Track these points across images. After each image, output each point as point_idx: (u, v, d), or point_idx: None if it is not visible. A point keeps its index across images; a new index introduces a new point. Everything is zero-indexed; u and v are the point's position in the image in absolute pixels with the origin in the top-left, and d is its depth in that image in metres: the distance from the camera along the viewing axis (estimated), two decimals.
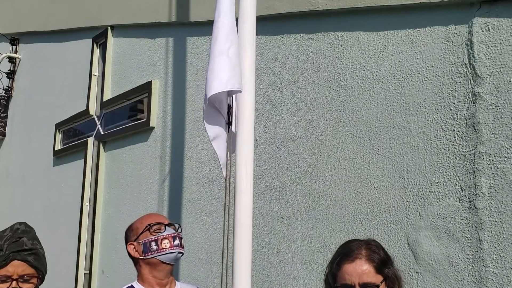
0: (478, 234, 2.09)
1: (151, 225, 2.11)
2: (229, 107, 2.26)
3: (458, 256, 2.14)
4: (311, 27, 2.92)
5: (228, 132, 2.25)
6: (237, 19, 2.32)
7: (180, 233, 2.16)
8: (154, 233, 2.09)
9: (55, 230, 5.37)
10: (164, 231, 2.11)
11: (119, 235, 2.22)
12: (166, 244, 2.07)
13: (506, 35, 2.10)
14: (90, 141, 4.91)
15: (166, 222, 2.15)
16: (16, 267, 1.82)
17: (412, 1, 2.40)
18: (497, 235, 2.04)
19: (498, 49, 2.12)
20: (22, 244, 1.85)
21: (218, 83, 2.12)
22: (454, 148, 2.21)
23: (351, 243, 1.77)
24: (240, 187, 2.22)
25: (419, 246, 2.27)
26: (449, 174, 2.21)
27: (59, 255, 5.04)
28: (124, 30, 4.74)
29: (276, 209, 2.96)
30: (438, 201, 2.24)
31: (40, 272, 1.90)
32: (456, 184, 2.19)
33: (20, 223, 1.95)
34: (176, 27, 4.00)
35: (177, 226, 2.19)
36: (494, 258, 2.03)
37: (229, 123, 2.25)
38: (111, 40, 4.88)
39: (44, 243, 1.98)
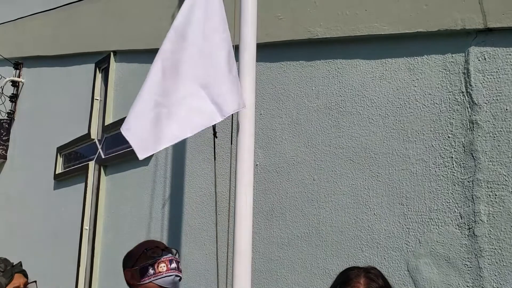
0: (478, 262, 2.09)
1: (147, 249, 2.10)
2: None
3: (458, 283, 2.13)
4: (310, 55, 2.96)
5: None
6: (237, 46, 2.35)
7: (177, 258, 2.16)
8: (150, 257, 2.09)
9: (54, 254, 5.34)
10: (161, 255, 2.10)
11: (119, 259, 2.21)
12: (163, 267, 2.06)
13: (502, 64, 2.13)
14: (91, 165, 4.92)
15: (162, 247, 2.15)
16: (19, 278, 2.24)
17: (409, 30, 2.44)
18: (496, 262, 2.04)
19: (494, 78, 2.15)
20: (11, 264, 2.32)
21: (227, 107, 2.11)
22: (453, 175, 2.22)
23: (350, 271, 1.76)
24: (240, 212, 2.22)
25: (419, 273, 2.26)
26: (448, 201, 2.22)
27: (58, 279, 5.00)
28: (127, 55, 4.80)
29: (276, 235, 2.95)
30: (437, 228, 2.24)
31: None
32: (455, 211, 2.19)
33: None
34: None
35: (174, 251, 2.18)
36: (494, 286, 2.03)
37: (214, 134, 2.35)
38: (113, 65, 4.93)
39: (43, 266, 2.03)
